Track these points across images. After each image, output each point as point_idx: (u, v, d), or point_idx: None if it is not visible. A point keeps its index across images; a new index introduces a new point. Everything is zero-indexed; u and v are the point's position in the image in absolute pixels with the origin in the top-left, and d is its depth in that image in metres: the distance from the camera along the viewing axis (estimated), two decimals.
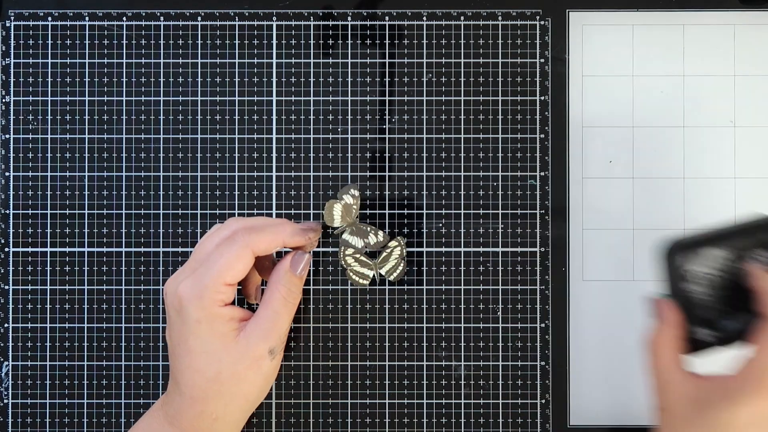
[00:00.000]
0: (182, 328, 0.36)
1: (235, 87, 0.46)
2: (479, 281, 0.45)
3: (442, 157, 0.46)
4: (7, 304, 0.45)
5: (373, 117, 0.46)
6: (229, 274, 0.36)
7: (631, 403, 0.45)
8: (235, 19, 0.46)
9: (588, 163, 0.46)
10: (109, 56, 0.46)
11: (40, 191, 0.45)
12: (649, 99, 0.46)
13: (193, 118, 0.46)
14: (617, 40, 0.46)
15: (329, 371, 0.45)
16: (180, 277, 0.37)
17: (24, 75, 0.46)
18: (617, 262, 0.46)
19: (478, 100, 0.46)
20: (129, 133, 0.46)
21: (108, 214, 0.45)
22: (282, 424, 0.45)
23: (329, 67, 0.46)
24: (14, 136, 0.46)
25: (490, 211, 0.45)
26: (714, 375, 0.32)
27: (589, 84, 0.46)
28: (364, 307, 0.45)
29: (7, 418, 0.45)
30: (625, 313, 0.45)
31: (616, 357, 0.45)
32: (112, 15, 0.46)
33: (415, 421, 0.45)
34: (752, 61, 0.46)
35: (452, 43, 0.46)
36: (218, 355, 0.36)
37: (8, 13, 0.46)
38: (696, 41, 0.46)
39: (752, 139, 0.46)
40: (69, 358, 0.45)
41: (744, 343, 0.32)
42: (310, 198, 0.45)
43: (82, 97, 0.46)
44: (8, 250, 0.45)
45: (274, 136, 0.46)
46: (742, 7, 0.46)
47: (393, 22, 0.46)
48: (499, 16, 0.46)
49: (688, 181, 0.46)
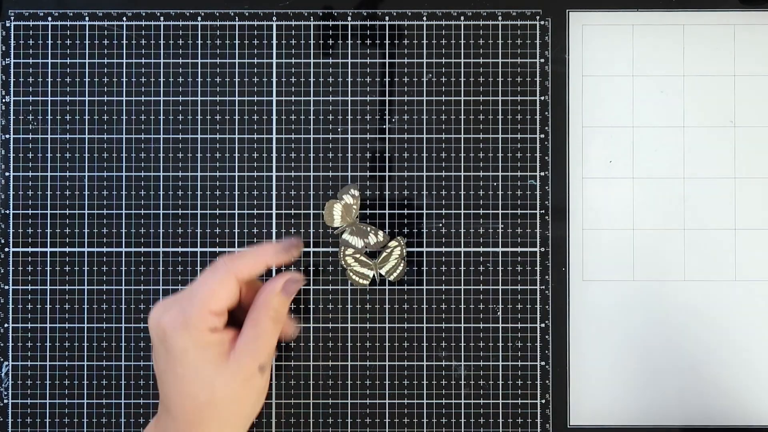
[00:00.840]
0: (168, 357, 0.36)
1: (235, 87, 0.46)
2: (479, 281, 0.45)
3: (442, 157, 0.46)
4: (7, 304, 0.45)
5: (373, 117, 0.46)
6: (212, 302, 0.36)
7: (631, 403, 0.45)
8: (235, 19, 0.46)
9: (588, 163, 0.46)
10: (109, 56, 0.46)
11: (40, 191, 0.45)
12: (649, 99, 0.46)
13: (193, 118, 0.46)
14: (617, 40, 0.46)
15: (329, 371, 0.45)
16: (163, 307, 0.37)
17: (24, 75, 0.46)
18: (617, 262, 0.46)
19: (478, 100, 0.46)
20: (129, 133, 0.46)
21: (108, 214, 0.45)
22: (282, 424, 0.45)
23: (329, 67, 0.46)
24: (14, 136, 0.46)
25: (490, 211, 0.45)
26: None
27: (589, 84, 0.46)
28: (364, 307, 0.45)
29: (7, 418, 0.45)
30: (625, 313, 0.45)
31: (616, 357, 0.45)
32: (112, 15, 0.46)
33: (415, 421, 0.45)
34: (752, 61, 0.46)
35: (452, 43, 0.46)
36: (210, 379, 0.36)
37: (8, 13, 0.46)
38: (696, 41, 0.46)
39: (752, 139, 0.46)
40: (69, 358, 0.45)
41: None
42: (310, 198, 0.45)
43: (82, 97, 0.46)
44: (8, 250, 0.45)
45: (274, 136, 0.46)
46: (742, 7, 0.46)
47: (393, 22, 0.46)
48: (499, 16, 0.46)
49: (688, 181, 0.46)
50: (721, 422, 0.45)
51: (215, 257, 0.45)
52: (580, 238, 0.46)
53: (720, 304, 0.45)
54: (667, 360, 0.45)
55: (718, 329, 0.46)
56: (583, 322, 0.45)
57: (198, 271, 0.45)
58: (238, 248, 0.45)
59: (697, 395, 0.45)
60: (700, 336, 0.45)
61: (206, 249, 0.45)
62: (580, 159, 0.46)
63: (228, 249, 0.45)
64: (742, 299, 0.45)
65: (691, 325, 0.45)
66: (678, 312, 0.46)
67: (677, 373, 0.45)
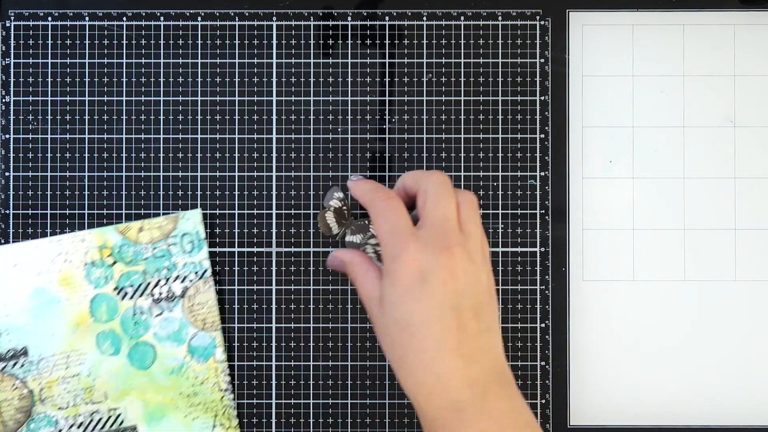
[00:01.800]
0: None
1: (235, 87, 0.46)
2: None
3: (442, 157, 0.46)
4: None
5: (373, 117, 0.46)
6: None
7: (631, 403, 0.45)
8: (235, 19, 0.46)
9: (588, 163, 0.46)
10: (109, 56, 0.46)
11: (40, 191, 0.45)
12: (649, 99, 0.46)
13: (193, 118, 0.46)
14: (617, 40, 0.46)
15: (329, 371, 0.45)
16: None
17: (24, 75, 0.46)
18: (617, 262, 0.46)
19: (478, 100, 0.46)
20: (129, 133, 0.46)
21: (108, 214, 0.45)
22: (282, 424, 0.45)
23: (329, 67, 0.46)
24: (14, 136, 0.46)
25: (490, 211, 0.45)
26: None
27: (589, 84, 0.46)
28: (364, 307, 0.45)
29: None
30: (625, 313, 0.45)
31: (616, 357, 0.45)
32: (112, 15, 0.46)
33: (415, 421, 0.45)
34: (752, 61, 0.46)
35: (452, 43, 0.46)
36: None
37: (8, 13, 0.46)
38: (696, 41, 0.46)
39: (752, 139, 0.46)
40: None
41: None
42: (310, 198, 0.45)
43: (82, 97, 0.46)
44: None
45: (274, 136, 0.46)
46: (742, 7, 0.46)
47: (393, 22, 0.46)
48: (499, 16, 0.46)
49: (688, 181, 0.46)
50: (721, 422, 0.45)
51: (215, 257, 0.45)
52: (580, 238, 0.46)
53: (720, 304, 0.45)
54: (667, 360, 0.45)
55: (717, 329, 0.46)
56: (583, 322, 0.45)
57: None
58: (238, 248, 0.45)
59: (697, 395, 0.45)
60: (699, 336, 0.45)
61: (206, 248, 0.45)
62: (580, 159, 0.46)
63: (228, 249, 0.45)
64: (742, 299, 0.45)
65: (691, 325, 0.45)
66: (678, 312, 0.46)
67: (677, 373, 0.45)
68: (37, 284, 0.43)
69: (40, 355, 0.43)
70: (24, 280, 0.43)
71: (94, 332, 0.43)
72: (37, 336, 0.43)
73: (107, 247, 0.43)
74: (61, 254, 0.43)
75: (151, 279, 0.43)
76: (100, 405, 0.43)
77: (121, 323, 0.44)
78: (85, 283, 0.43)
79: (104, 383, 0.44)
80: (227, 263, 0.45)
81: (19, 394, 0.43)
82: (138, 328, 0.44)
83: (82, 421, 0.43)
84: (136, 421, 0.44)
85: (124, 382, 0.44)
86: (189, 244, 0.44)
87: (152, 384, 0.44)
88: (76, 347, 0.43)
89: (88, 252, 0.43)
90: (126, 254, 0.43)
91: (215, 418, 0.44)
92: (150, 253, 0.44)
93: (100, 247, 0.43)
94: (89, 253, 0.43)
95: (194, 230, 0.43)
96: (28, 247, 0.43)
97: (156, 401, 0.44)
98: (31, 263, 0.43)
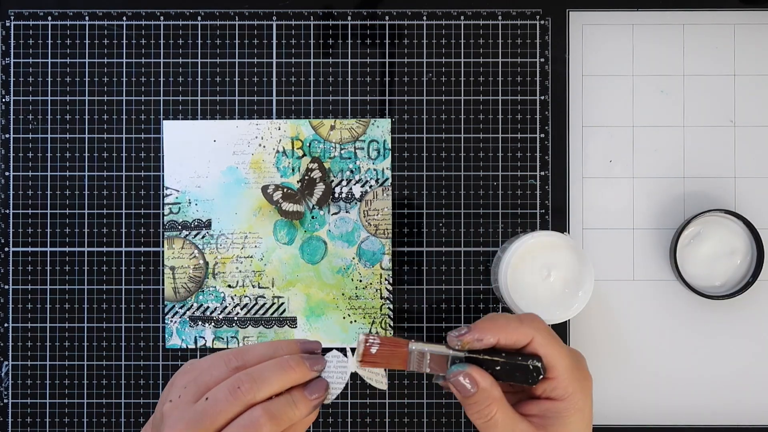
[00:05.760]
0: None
1: (235, 86, 0.46)
2: (479, 281, 0.45)
3: (442, 157, 0.46)
4: (7, 304, 0.45)
5: (374, 117, 0.46)
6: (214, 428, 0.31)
7: (631, 403, 0.45)
8: (235, 19, 0.46)
9: (588, 163, 0.46)
10: (109, 56, 0.46)
11: (40, 191, 0.45)
12: (649, 99, 0.46)
13: (194, 117, 0.46)
14: (617, 40, 0.46)
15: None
16: (177, 402, 0.32)
17: (24, 75, 0.46)
18: (617, 262, 0.46)
19: (478, 100, 0.46)
20: (129, 133, 0.46)
21: (108, 213, 0.45)
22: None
23: (329, 67, 0.46)
24: (14, 136, 0.46)
25: (490, 211, 0.45)
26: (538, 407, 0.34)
27: (589, 84, 0.46)
28: None
29: (7, 418, 0.45)
30: (625, 313, 0.45)
31: (616, 357, 0.45)
32: (112, 15, 0.46)
33: (415, 420, 0.45)
34: (752, 61, 0.46)
35: (452, 43, 0.46)
36: None
37: (8, 13, 0.46)
38: (696, 41, 0.46)
39: (752, 139, 0.46)
40: (69, 358, 0.45)
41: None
42: None
43: (82, 97, 0.46)
44: (8, 249, 0.45)
45: None
46: (742, 7, 0.46)
47: (393, 22, 0.46)
48: (499, 16, 0.46)
49: (688, 181, 0.46)
50: (721, 422, 0.45)
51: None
52: (580, 238, 0.46)
53: (720, 304, 0.45)
54: (667, 360, 0.45)
55: (717, 329, 0.45)
56: (583, 322, 0.45)
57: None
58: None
59: (697, 394, 0.45)
60: (699, 336, 0.45)
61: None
62: (580, 159, 0.46)
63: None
64: (742, 299, 0.45)
65: (691, 325, 0.45)
66: (678, 312, 0.45)
67: (677, 373, 0.45)
68: (231, 163, 0.45)
69: (220, 230, 0.45)
70: (220, 156, 0.45)
71: (273, 219, 0.45)
72: (222, 212, 0.45)
73: (299, 140, 0.45)
74: (257, 138, 0.45)
75: (334, 178, 0.45)
76: (266, 291, 0.45)
77: None
78: (273, 169, 0.45)
79: (274, 270, 0.45)
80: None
81: (195, 264, 0.45)
82: (314, 223, 0.45)
83: (246, 303, 0.45)
84: (296, 313, 0.45)
85: (292, 272, 0.45)
86: (375, 151, 0.45)
87: (318, 279, 0.45)
88: (255, 230, 0.45)
89: (281, 140, 0.45)
90: (315, 150, 0.45)
91: (372, 324, 0.45)
92: (337, 153, 0.45)
93: (293, 138, 0.45)
94: (282, 141, 0.45)
95: (382, 138, 0.45)
96: (228, 126, 0.45)
97: (318, 297, 0.45)
98: (229, 141, 0.45)
